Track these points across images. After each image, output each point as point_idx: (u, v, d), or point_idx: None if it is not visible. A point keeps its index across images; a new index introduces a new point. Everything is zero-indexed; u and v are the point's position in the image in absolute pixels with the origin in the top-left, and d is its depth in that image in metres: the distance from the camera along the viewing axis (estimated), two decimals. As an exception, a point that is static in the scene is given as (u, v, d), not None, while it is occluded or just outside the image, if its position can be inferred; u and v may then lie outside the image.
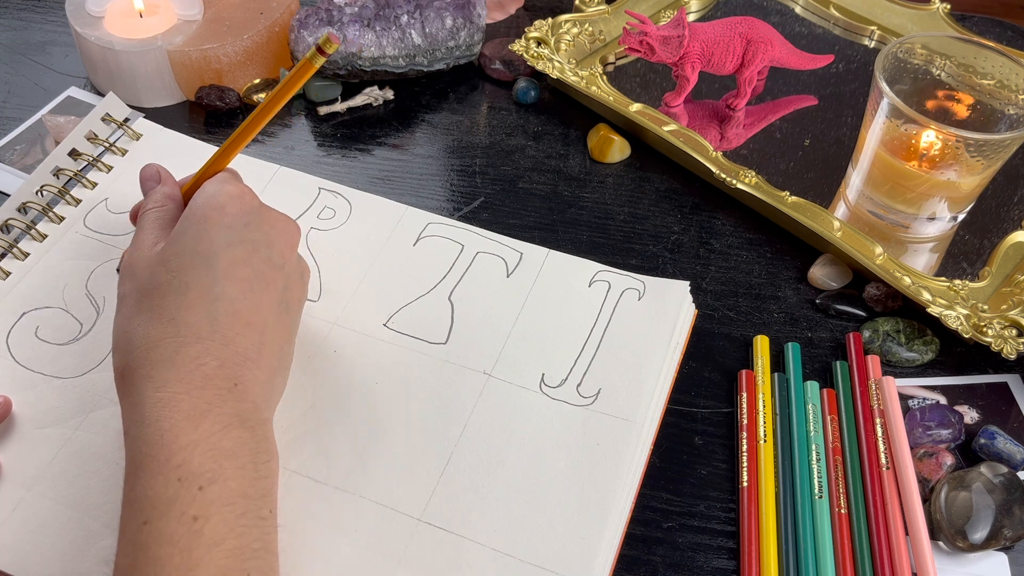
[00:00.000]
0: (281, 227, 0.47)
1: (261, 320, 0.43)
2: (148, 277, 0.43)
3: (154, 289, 0.42)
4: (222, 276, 0.43)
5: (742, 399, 0.51)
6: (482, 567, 0.44)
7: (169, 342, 0.41)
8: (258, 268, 0.44)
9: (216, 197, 0.45)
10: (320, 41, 0.45)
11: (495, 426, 0.49)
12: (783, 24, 0.77)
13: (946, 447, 0.49)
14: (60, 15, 0.77)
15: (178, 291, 0.42)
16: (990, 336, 0.53)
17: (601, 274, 0.56)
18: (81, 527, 0.45)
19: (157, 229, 0.46)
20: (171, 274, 0.43)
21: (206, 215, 0.44)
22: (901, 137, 0.57)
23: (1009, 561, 0.46)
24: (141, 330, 0.41)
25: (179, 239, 0.44)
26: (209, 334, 0.41)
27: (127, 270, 0.45)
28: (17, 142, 0.65)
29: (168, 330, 0.41)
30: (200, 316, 0.41)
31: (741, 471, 0.49)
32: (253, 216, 0.45)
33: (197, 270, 0.42)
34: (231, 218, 0.44)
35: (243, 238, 0.44)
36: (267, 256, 0.45)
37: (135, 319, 0.42)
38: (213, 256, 0.43)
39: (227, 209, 0.45)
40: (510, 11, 0.79)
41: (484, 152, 0.67)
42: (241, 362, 0.41)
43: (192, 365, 0.40)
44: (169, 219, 0.47)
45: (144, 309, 0.42)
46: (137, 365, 0.40)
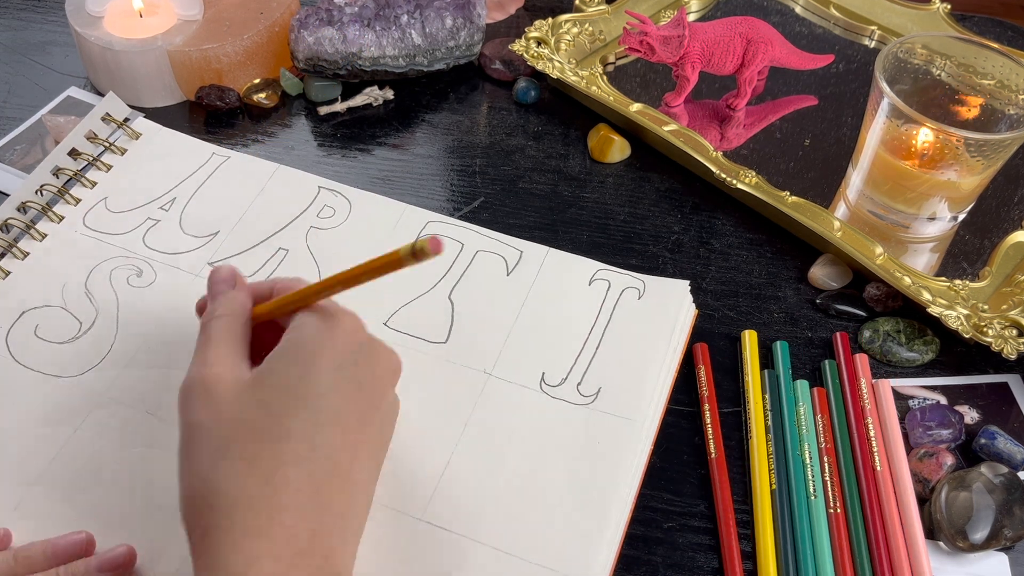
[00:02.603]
0: (386, 363, 0.42)
1: (355, 473, 0.39)
2: (239, 412, 0.38)
3: (247, 432, 0.37)
4: (325, 422, 0.38)
5: (700, 371, 0.52)
6: (483, 566, 0.44)
7: (263, 506, 0.36)
8: (361, 410, 0.40)
9: (329, 331, 0.40)
10: (418, 245, 0.37)
11: (495, 425, 0.49)
12: (783, 24, 0.77)
13: (946, 447, 0.49)
14: (60, 15, 0.77)
15: (276, 440, 0.37)
16: (990, 336, 0.53)
17: (601, 273, 0.56)
18: (81, 527, 0.45)
19: (232, 344, 0.41)
20: (270, 418, 0.37)
21: (316, 350, 0.39)
22: (901, 137, 0.57)
23: (1009, 561, 0.46)
24: (230, 484, 0.36)
25: (280, 373, 0.39)
26: (306, 497, 0.36)
27: (202, 392, 0.39)
28: (17, 142, 0.65)
29: (263, 490, 0.36)
30: (298, 473, 0.36)
31: (708, 442, 0.49)
32: (363, 353, 0.41)
33: (300, 414, 0.38)
34: (341, 355, 0.40)
35: (352, 377, 0.40)
36: (370, 396, 0.40)
37: (221, 465, 0.37)
38: (320, 398, 0.38)
39: (339, 344, 0.40)
40: (510, 11, 0.79)
41: (484, 152, 0.67)
42: (332, 528, 0.37)
43: (286, 538, 0.35)
44: (242, 333, 0.42)
45: (233, 455, 0.37)
46: (224, 528, 0.35)
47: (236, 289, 0.44)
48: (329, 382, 0.39)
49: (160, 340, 0.52)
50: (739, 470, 0.49)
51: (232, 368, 0.40)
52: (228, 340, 0.41)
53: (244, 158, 0.63)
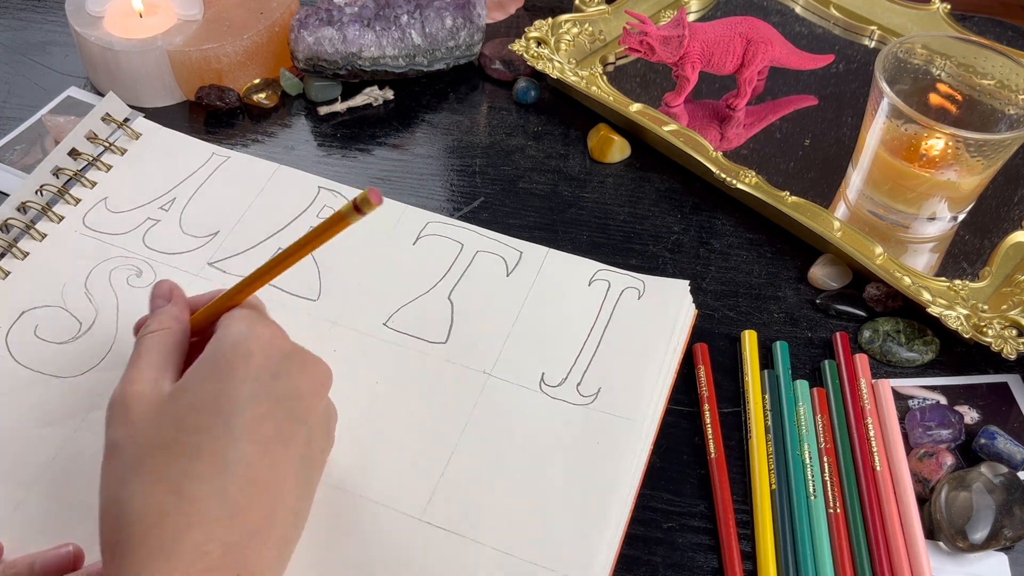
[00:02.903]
0: (311, 373, 0.41)
1: (277, 484, 0.38)
2: (152, 430, 0.37)
3: (157, 448, 0.37)
4: (240, 437, 0.37)
5: (700, 371, 0.52)
6: (483, 566, 0.44)
7: (170, 523, 0.35)
8: (280, 424, 0.38)
9: (245, 342, 0.40)
10: (358, 199, 0.39)
11: (495, 425, 0.49)
12: (783, 24, 0.77)
13: (946, 447, 0.49)
14: (60, 15, 0.76)
15: (187, 456, 0.36)
16: (990, 336, 0.53)
17: (601, 273, 0.56)
18: (81, 527, 0.44)
19: (157, 359, 0.41)
20: (183, 433, 0.37)
21: (232, 363, 0.39)
22: (901, 137, 0.57)
23: (1009, 561, 0.46)
24: (138, 501, 0.35)
25: (195, 388, 0.38)
26: (216, 510, 0.35)
27: (121, 408, 0.39)
28: (17, 142, 0.65)
29: (170, 505, 0.35)
30: (209, 489, 0.36)
31: (708, 442, 0.49)
32: (283, 365, 0.40)
33: (213, 431, 0.37)
34: (259, 368, 0.39)
35: (270, 392, 0.39)
36: (291, 409, 0.39)
37: (131, 483, 0.36)
38: (233, 414, 0.37)
39: (255, 357, 0.39)
40: (510, 11, 0.79)
41: (484, 152, 0.67)
42: (248, 542, 0.36)
43: (194, 555, 0.34)
44: (172, 347, 0.42)
45: (143, 472, 0.36)
46: (130, 547, 0.35)
47: (171, 303, 0.44)
48: (245, 396, 0.38)
49: None
50: (739, 470, 0.49)
51: (154, 385, 0.39)
52: (155, 356, 0.41)
53: (244, 158, 0.63)
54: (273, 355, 0.40)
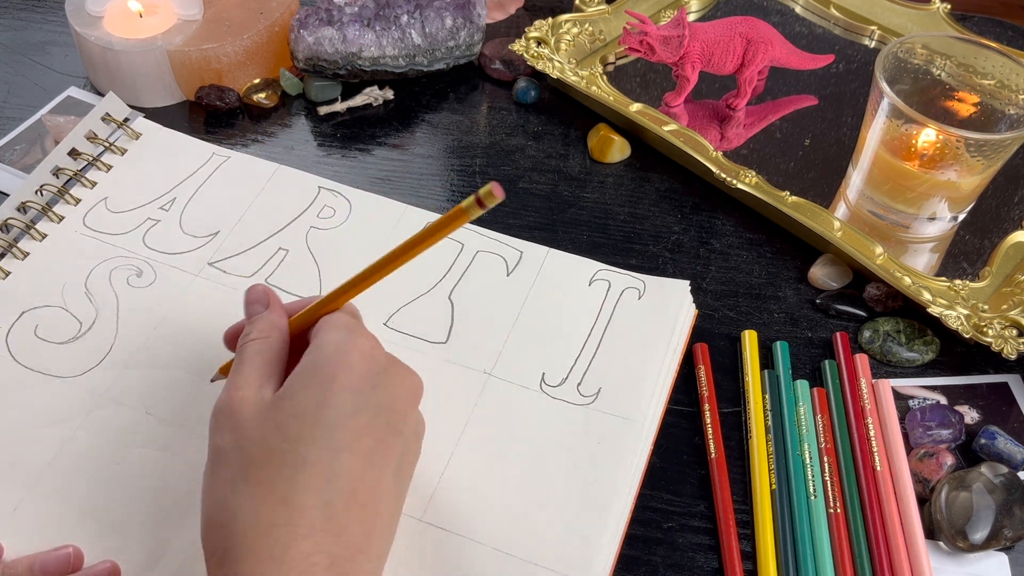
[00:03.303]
0: (407, 386, 0.41)
1: (376, 498, 0.38)
2: (258, 438, 0.38)
3: (265, 457, 0.37)
4: (343, 448, 0.37)
5: (700, 372, 0.52)
6: (482, 566, 0.44)
7: (280, 532, 0.35)
8: (380, 436, 0.39)
9: (346, 352, 0.40)
10: (481, 193, 0.38)
11: (495, 425, 0.49)
12: (783, 24, 0.77)
13: (946, 447, 0.49)
14: (60, 15, 0.76)
15: (294, 466, 0.37)
16: (990, 336, 0.53)
17: (601, 273, 0.56)
18: (81, 527, 0.45)
19: (261, 366, 0.41)
20: (288, 442, 0.37)
21: (334, 374, 0.39)
22: (901, 137, 0.57)
23: (1009, 561, 0.46)
24: (248, 510, 0.36)
25: (298, 396, 0.39)
26: (323, 524, 0.36)
27: (227, 415, 0.39)
28: (17, 142, 0.65)
29: (279, 516, 0.36)
30: (316, 500, 0.36)
31: (708, 442, 0.49)
32: (381, 376, 0.40)
33: (317, 442, 0.37)
34: (359, 379, 0.39)
35: (369, 403, 0.39)
36: (389, 420, 0.40)
37: (240, 490, 0.37)
38: (337, 426, 0.38)
39: (356, 368, 0.39)
40: (510, 11, 0.79)
41: (484, 152, 0.67)
42: (352, 554, 0.36)
43: (303, 566, 0.35)
44: (274, 354, 0.42)
45: (251, 480, 0.37)
46: (240, 555, 0.35)
47: (270, 310, 0.44)
48: (346, 408, 0.38)
49: (160, 340, 0.52)
50: (739, 470, 0.49)
51: (258, 391, 0.40)
52: (258, 363, 0.41)
53: (244, 158, 0.63)
54: (372, 366, 0.40)
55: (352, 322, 0.42)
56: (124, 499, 0.46)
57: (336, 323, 0.42)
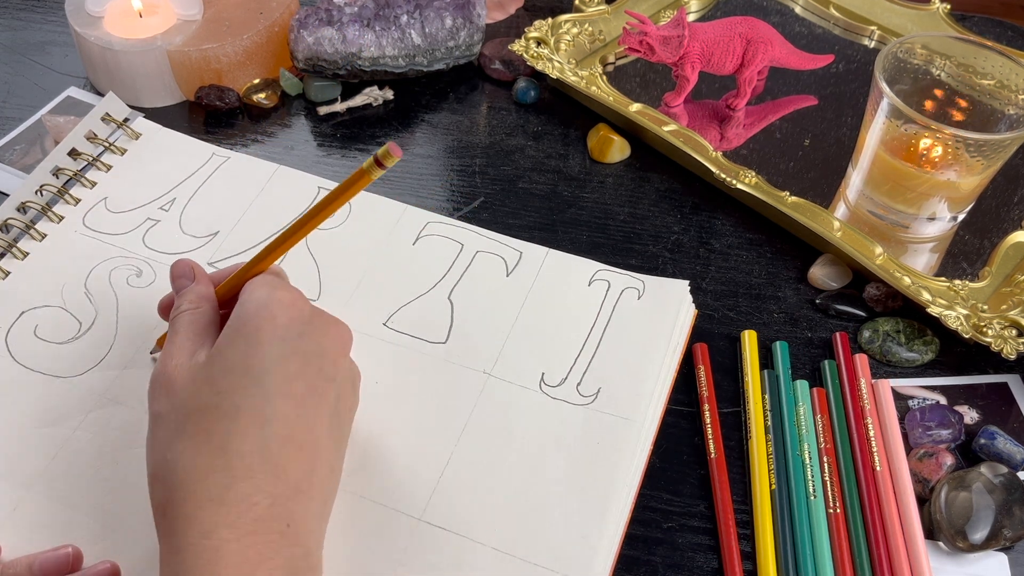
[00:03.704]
0: (334, 333, 0.43)
1: (313, 441, 0.39)
2: (192, 396, 0.39)
3: (199, 411, 0.38)
4: (274, 394, 0.39)
5: (699, 372, 0.52)
6: (482, 567, 0.44)
7: (218, 476, 0.37)
8: (311, 382, 0.40)
9: (268, 306, 0.41)
10: (380, 153, 0.40)
11: (495, 426, 0.49)
12: (783, 24, 0.77)
13: (946, 447, 0.49)
14: (60, 15, 0.76)
15: (228, 415, 0.38)
16: (990, 336, 0.53)
17: (601, 273, 0.56)
18: (81, 527, 0.45)
19: (193, 335, 0.42)
20: (219, 395, 0.39)
21: (258, 326, 0.40)
22: (901, 137, 0.57)
23: (1009, 561, 0.46)
24: (186, 459, 0.37)
25: (226, 353, 0.40)
26: (260, 465, 0.37)
27: (163, 383, 0.40)
28: (17, 142, 0.65)
29: (217, 462, 0.37)
30: (252, 444, 0.37)
31: (707, 443, 0.49)
32: (307, 325, 0.42)
33: (248, 390, 0.39)
34: (284, 329, 0.40)
35: (296, 350, 0.40)
36: (319, 367, 0.41)
37: (177, 445, 0.38)
38: (265, 373, 0.39)
39: (279, 319, 0.41)
40: (510, 11, 0.79)
41: (484, 152, 0.67)
42: (293, 495, 0.38)
43: (243, 506, 0.36)
44: (206, 322, 0.43)
45: (188, 434, 0.38)
46: (181, 501, 0.36)
47: (196, 281, 0.46)
48: (274, 356, 0.40)
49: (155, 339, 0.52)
50: (739, 470, 0.49)
51: (190, 357, 0.41)
52: (190, 332, 0.42)
53: (244, 158, 0.63)
54: (296, 316, 0.41)
55: (274, 279, 0.44)
56: (124, 499, 0.46)
57: (258, 282, 0.43)
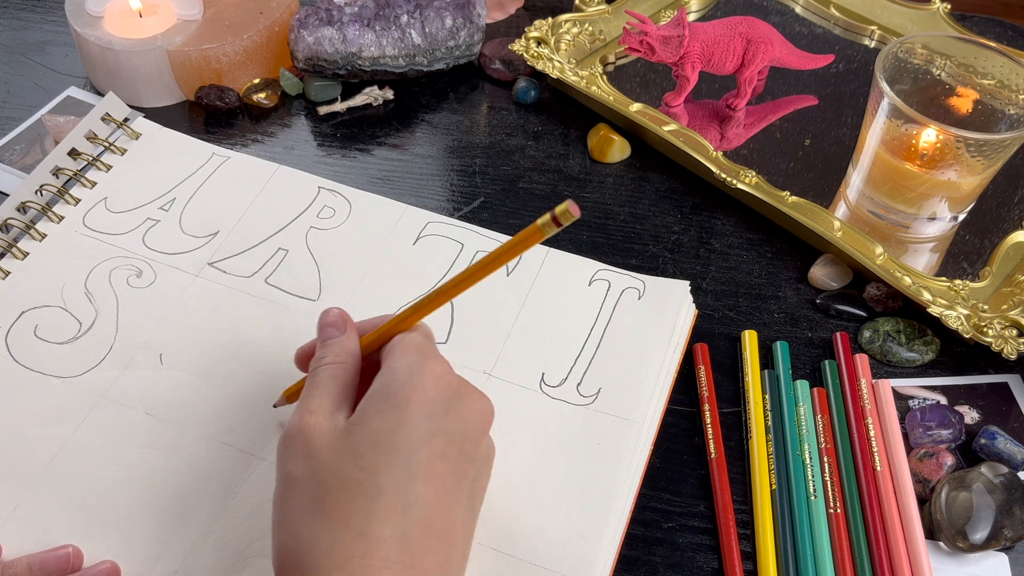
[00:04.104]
0: (478, 410, 0.40)
1: (451, 528, 0.38)
2: (333, 466, 0.37)
3: (340, 487, 0.36)
4: (418, 476, 0.37)
5: (700, 372, 0.52)
6: (482, 567, 0.44)
7: (356, 565, 0.35)
8: (453, 463, 0.38)
9: (419, 376, 0.39)
10: (558, 211, 0.37)
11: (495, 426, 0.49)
12: (783, 24, 0.77)
13: (946, 447, 0.49)
14: (60, 15, 0.76)
15: (370, 496, 0.36)
16: (990, 336, 0.53)
17: (601, 273, 0.56)
18: (81, 527, 0.45)
19: (335, 391, 0.40)
20: (363, 472, 0.37)
21: (408, 398, 0.38)
22: (901, 137, 0.57)
23: (1009, 561, 0.46)
24: (324, 541, 0.36)
25: (372, 423, 0.38)
26: (399, 555, 0.35)
27: (300, 442, 0.38)
28: (17, 142, 0.65)
29: (356, 548, 0.35)
30: (391, 531, 0.36)
31: (708, 443, 0.49)
32: (454, 401, 0.39)
33: (393, 470, 0.37)
34: (432, 404, 0.38)
35: (443, 428, 0.38)
36: (462, 447, 0.39)
37: (314, 519, 0.36)
38: (412, 452, 0.37)
39: (429, 392, 0.38)
40: (510, 11, 0.79)
41: (484, 152, 0.67)
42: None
43: None
44: (349, 379, 0.41)
45: (326, 511, 0.36)
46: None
47: (345, 336, 0.43)
48: (421, 434, 0.38)
49: (160, 341, 0.52)
50: (739, 470, 0.49)
51: (330, 417, 0.39)
52: (332, 387, 0.40)
53: (244, 158, 0.63)
54: (445, 390, 0.39)
55: (425, 344, 0.42)
56: (124, 499, 0.46)
57: (408, 345, 0.41)
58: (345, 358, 0.42)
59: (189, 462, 0.47)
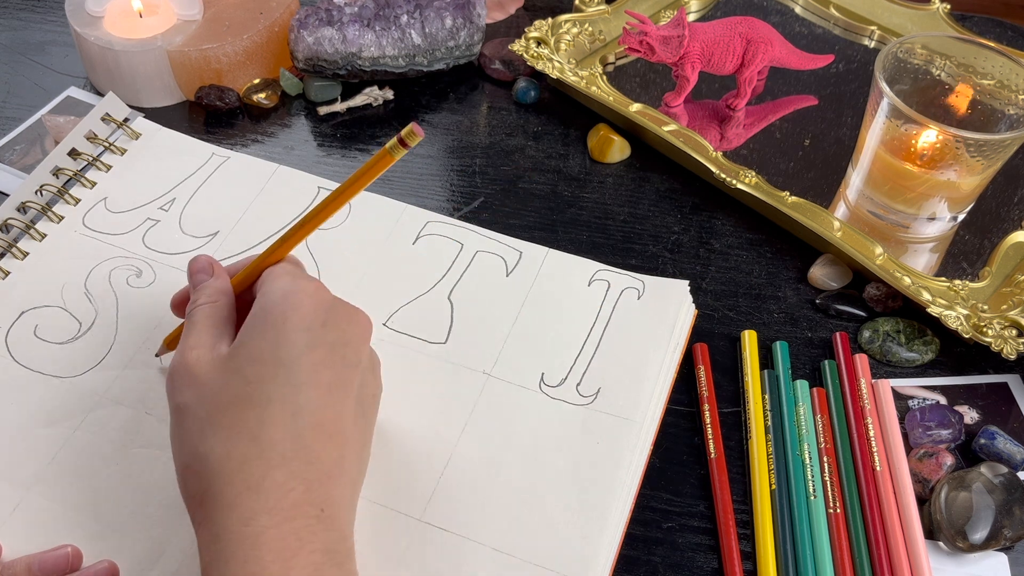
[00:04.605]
0: (355, 321, 0.43)
1: (341, 428, 0.40)
2: (221, 387, 0.39)
3: (230, 402, 0.39)
4: (304, 384, 0.39)
5: (699, 371, 0.53)
6: (482, 567, 0.44)
7: (254, 465, 0.37)
8: (337, 370, 0.40)
9: (293, 295, 0.41)
10: (403, 133, 0.40)
11: (495, 426, 0.49)
12: (783, 24, 0.77)
13: (946, 447, 0.49)
14: (60, 15, 0.76)
15: (259, 404, 0.38)
16: (990, 336, 0.53)
17: (600, 273, 0.56)
18: (81, 527, 0.45)
19: (212, 327, 0.42)
20: (249, 385, 0.39)
21: (284, 315, 0.40)
22: (901, 137, 0.57)
23: (1009, 561, 0.46)
24: (220, 450, 0.37)
25: (253, 342, 0.40)
26: (294, 453, 0.38)
27: (185, 375, 0.40)
28: (17, 142, 0.65)
29: (251, 451, 0.37)
30: (284, 433, 0.38)
31: (707, 443, 0.49)
32: (329, 314, 0.42)
33: (278, 379, 0.39)
34: (309, 318, 0.41)
35: (322, 339, 0.40)
36: (343, 355, 0.41)
37: (210, 437, 0.38)
38: (294, 362, 0.39)
39: (304, 308, 0.41)
40: (510, 11, 0.79)
41: (484, 152, 0.67)
42: (325, 480, 0.38)
43: (280, 492, 0.37)
44: (223, 316, 0.43)
45: (220, 425, 0.38)
46: (218, 491, 0.37)
47: (215, 277, 0.46)
48: (300, 344, 0.40)
49: (159, 340, 0.52)
50: (739, 470, 0.49)
51: (212, 349, 0.41)
52: (209, 324, 0.43)
53: (244, 158, 0.63)
54: (320, 305, 0.42)
55: (294, 269, 0.44)
56: (124, 499, 0.46)
57: (279, 272, 0.44)
58: (217, 297, 0.44)
59: (189, 462, 0.47)
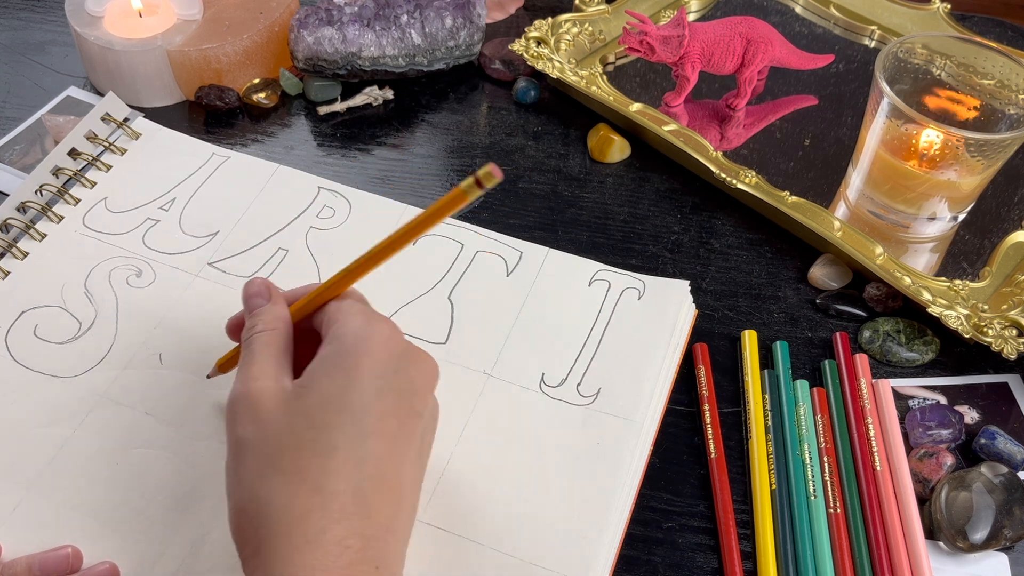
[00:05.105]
0: (424, 369, 0.42)
1: (400, 481, 0.39)
2: (284, 427, 0.38)
3: (294, 446, 0.37)
4: (370, 433, 0.38)
5: (699, 371, 0.52)
6: (482, 567, 0.44)
7: (314, 518, 0.36)
8: (403, 420, 0.39)
9: (368, 340, 0.40)
10: (480, 173, 0.38)
11: (495, 426, 0.49)
12: (783, 24, 0.77)
13: (946, 447, 0.49)
14: (60, 15, 0.76)
15: (323, 453, 0.37)
16: (990, 336, 0.53)
17: (601, 273, 0.56)
18: (81, 527, 0.45)
19: (272, 357, 0.41)
20: (315, 430, 0.37)
21: (358, 360, 0.39)
22: (901, 137, 0.57)
23: (1009, 561, 0.46)
24: (281, 498, 0.36)
25: (323, 385, 0.39)
26: (355, 508, 0.37)
27: (248, 407, 0.39)
28: (17, 142, 0.65)
29: (313, 502, 0.36)
30: (346, 485, 0.37)
31: (707, 443, 0.49)
32: (402, 361, 0.40)
33: (345, 427, 0.38)
34: (382, 364, 0.39)
35: (392, 387, 0.39)
36: (411, 404, 0.40)
37: (269, 480, 0.37)
38: (363, 410, 0.38)
39: (378, 354, 0.40)
40: (510, 11, 0.79)
41: (484, 152, 0.67)
42: (382, 535, 0.37)
43: (338, 548, 0.35)
44: (283, 346, 0.42)
45: (282, 470, 0.37)
46: (276, 542, 0.35)
47: (273, 302, 0.44)
48: (371, 392, 0.39)
49: (160, 340, 0.52)
50: (739, 470, 0.49)
51: (275, 381, 0.40)
52: (270, 353, 0.41)
53: (244, 158, 0.63)
54: (393, 351, 0.41)
55: (368, 309, 0.43)
56: (124, 499, 0.46)
57: (352, 310, 0.42)
58: (276, 324, 0.43)
59: (189, 462, 0.47)
